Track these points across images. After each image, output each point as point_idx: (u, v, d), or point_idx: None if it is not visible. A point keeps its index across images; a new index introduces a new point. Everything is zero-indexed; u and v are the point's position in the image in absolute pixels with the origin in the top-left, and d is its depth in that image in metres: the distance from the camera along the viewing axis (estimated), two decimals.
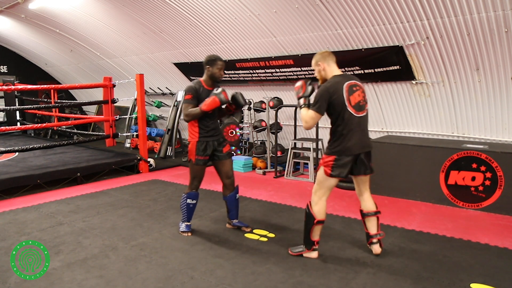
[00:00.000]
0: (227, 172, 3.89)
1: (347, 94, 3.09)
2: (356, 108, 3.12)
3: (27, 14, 8.43)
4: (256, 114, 7.65)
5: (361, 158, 3.22)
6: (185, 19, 6.69)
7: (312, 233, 3.28)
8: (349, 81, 3.15)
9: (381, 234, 3.37)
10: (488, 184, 4.49)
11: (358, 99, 3.14)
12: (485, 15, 4.20)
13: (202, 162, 3.76)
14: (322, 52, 3.27)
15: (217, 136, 3.84)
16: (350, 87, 3.12)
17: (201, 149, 3.74)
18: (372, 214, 3.35)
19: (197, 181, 3.84)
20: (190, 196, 3.84)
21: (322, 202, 3.25)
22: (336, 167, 3.15)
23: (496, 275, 3.02)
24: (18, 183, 5.43)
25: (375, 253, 3.35)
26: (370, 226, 3.36)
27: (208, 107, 3.56)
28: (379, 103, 5.92)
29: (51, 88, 6.95)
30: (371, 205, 3.36)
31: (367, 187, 3.40)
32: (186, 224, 3.92)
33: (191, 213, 3.90)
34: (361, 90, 3.20)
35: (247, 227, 4.03)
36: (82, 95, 12.09)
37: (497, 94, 4.79)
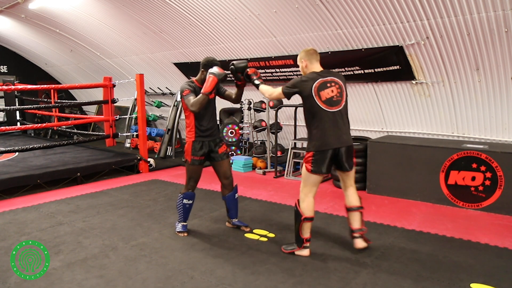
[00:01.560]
0: (224, 172, 3.89)
1: (315, 90, 3.19)
2: (327, 103, 3.20)
3: (27, 14, 8.43)
4: (256, 114, 7.65)
5: (340, 154, 3.27)
6: (185, 19, 6.69)
7: (302, 231, 3.32)
8: (325, 77, 3.24)
9: (364, 229, 3.41)
10: (488, 184, 4.49)
11: (331, 95, 3.22)
12: (485, 15, 4.20)
13: (198, 162, 3.75)
14: (308, 50, 3.38)
15: (214, 136, 3.82)
16: (323, 83, 3.22)
17: (197, 149, 3.72)
18: (355, 209, 3.39)
19: (193, 182, 3.83)
20: (187, 197, 3.83)
21: (308, 199, 3.31)
22: (315, 163, 3.23)
23: (496, 275, 3.02)
24: (18, 183, 5.43)
25: (357, 247, 3.38)
26: (353, 221, 3.41)
27: (209, 87, 3.48)
28: (379, 103, 5.92)
29: (51, 88, 6.95)
30: (355, 200, 3.40)
31: (352, 182, 3.45)
32: (182, 224, 3.92)
33: (187, 213, 3.90)
34: (337, 86, 3.26)
35: (247, 226, 4.04)
36: (82, 95, 12.09)
37: (497, 94, 4.79)
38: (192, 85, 3.69)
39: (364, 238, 3.41)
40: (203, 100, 3.50)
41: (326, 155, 3.22)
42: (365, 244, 3.40)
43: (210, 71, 3.53)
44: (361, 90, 5.98)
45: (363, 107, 6.14)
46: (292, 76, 6.47)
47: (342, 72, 5.81)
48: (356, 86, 5.99)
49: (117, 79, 8.48)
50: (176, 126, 8.37)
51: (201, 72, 3.74)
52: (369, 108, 6.08)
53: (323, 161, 3.23)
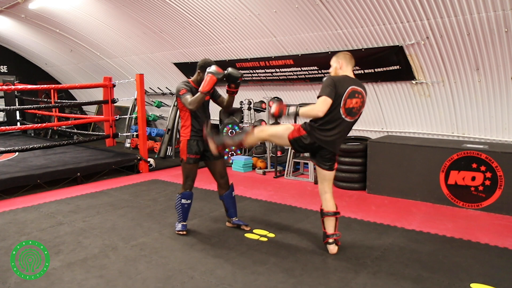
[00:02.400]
0: (220, 172, 3.91)
1: (346, 96, 3.15)
2: (348, 112, 3.20)
3: (27, 14, 8.43)
4: (256, 114, 7.65)
5: (324, 153, 3.30)
6: (185, 19, 6.69)
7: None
8: (355, 86, 3.22)
9: (338, 234, 3.44)
10: (488, 184, 4.49)
11: (354, 105, 3.21)
12: (485, 15, 4.20)
13: (193, 160, 3.77)
14: (346, 54, 3.40)
15: None
16: (353, 92, 3.20)
17: (192, 148, 3.75)
18: (331, 214, 3.40)
19: (190, 181, 3.83)
20: (185, 196, 3.84)
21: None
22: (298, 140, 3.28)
23: (496, 275, 3.02)
24: (18, 183, 5.43)
25: (331, 252, 3.40)
26: (328, 225, 3.42)
27: (207, 86, 3.49)
28: (379, 103, 5.92)
29: (51, 88, 6.95)
30: (332, 205, 3.41)
31: (330, 186, 3.46)
32: (182, 224, 3.93)
33: (187, 213, 3.91)
34: (362, 100, 3.26)
35: (247, 225, 4.04)
36: (82, 95, 12.09)
37: (497, 94, 4.79)
38: (188, 85, 3.72)
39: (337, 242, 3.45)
40: (201, 99, 3.54)
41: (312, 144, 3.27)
42: (337, 247, 3.44)
43: (209, 70, 3.54)
44: None
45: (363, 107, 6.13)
46: (292, 76, 6.47)
47: None
48: None
49: (117, 79, 8.48)
50: (176, 126, 8.36)
51: (197, 73, 3.76)
52: (369, 108, 6.08)
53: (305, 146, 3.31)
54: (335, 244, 3.43)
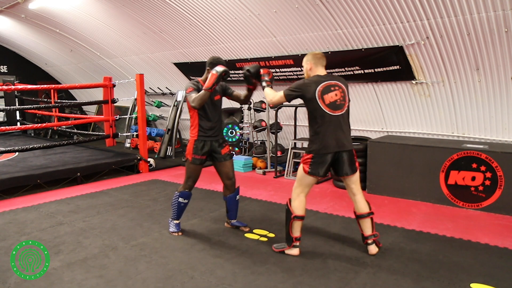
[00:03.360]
0: (227, 173, 3.88)
1: (319, 94, 3.20)
2: (331, 107, 3.21)
3: (27, 14, 8.43)
4: (256, 114, 7.65)
5: (341, 158, 3.27)
6: (185, 19, 6.69)
7: (292, 229, 3.34)
8: (328, 81, 3.25)
9: (376, 234, 3.39)
10: (488, 184, 4.49)
11: (335, 99, 3.22)
12: (485, 15, 4.20)
13: (198, 161, 3.73)
14: (316, 53, 3.41)
15: (217, 137, 3.80)
16: (327, 87, 3.22)
17: (199, 148, 3.71)
18: (365, 216, 3.36)
19: (191, 181, 3.81)
20: (183, 196, 3.83)
21: (300, 199, 3.33)
22: (313, 165, 3.24)
23: (496, 275, 3.02)
24: (18, 183, 5.43)
25: (370, 253, 3.36)
26: (365, 227, 3.38)
27: (209, 83, 3.45)
28: (379, 103, 5.92)
29: (51, 88, 6.95)
30: (364, 206, 3.37)
31: (358, 188, 3.41)
32: (175, 223, 3.92)
33: (182, 211, 3.91)
34: (340, 90, 3.27)
35: (246, 226, 4.04)
36: (82, 95, 12.09)
37: (497, 94, 4.79)
38: (196, 84, 3.70)
39: (377, 243, 3.41)
40: (203, 96, 3.49)
41: (326, 158, 3.24)
42: (378, 249, 3.40)
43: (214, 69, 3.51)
44: (361, 90, 5.98)
45: (363, 107, 6.14)
46: (292, 76, 6.47)
47: (342, 72, 5.81)
48: (356, 86, 5.99)
49: (117, 79, 8.48)
50: (176, 126, 8.36)
51: (206, 71, 3.73)
52: (369, 108, 6.08)
53: (322, 164, 3.24)
54: (375, 245, 3.38)
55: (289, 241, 3.38)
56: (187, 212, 4.32)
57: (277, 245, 3.51)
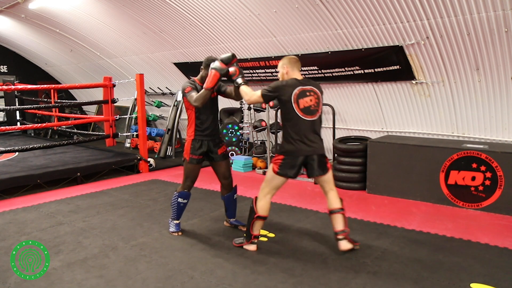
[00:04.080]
0: (223, 173, 3.91)
1: (295, 97, 3.24)
2: (305, 111, 3.26)
3: (27, 14, 8.43)
4: (256, 114, 7.65)
5: (312, 161, 3.32)
6: (185, 19, 6.69)
7: (253, 227, 3.43)
8: (304, 86, 3.30)
9: (346, 230, 3.43)
10: (488, 184, 4.49)
11: (309, 104, 3.28)
12: (485, 15, 4.20)
13: (196, 161, 3.75)
14: (291, 57, 3.46)
15: (214, 136, 3.81)
16: (303, 91, 3.28)
17: (196, 148, 3.73)
18: (336, 211, 3.42)
19: (190, 181, 3.82)
20: (182, 196, 3.84)
21: (265, 200, 3.40)
22: (283, 166, 3.30)
23: (496, 275, 3.02)
24: (18, 183, 5.43)
25: (341, 249, 3.38)
26: (336, 223, 3.43)
27: (211, 82, 3.46)
28: (379, 103, 5.92)
29: (51, 88, 6.95)
30: (336, 202, 3.44)
31: (331, 186, 3.47)
32: (175, 223, 3.94)
33: (181, 212, 3.93)
34: (315, 96, 3.32)
35: (244, 226, 4.03)
36: (82, 95, 12.09)
37: (497, 94, 4.79)
38: (193, 83, 3.71)
39: (349, 239, 3.42)
40: (206, 95, 3.50)
41: (296, 161, 3.29)
42: (351, 245, 3.40)
43: (212, 66, 3.50)
44: (361, 90, 5.98)
45: (363, 107, 6.14)
46: None
47: (342, 72, 5.81)
48: (356, 86, 5.99)
49: (117, 79, 8.48)
50: (176, 126, 8.36)
51: (202, 70, 3.75)
52: (369, 108, 6.08)
53: (292, 167, 3.30)
54: (347, 241, 3.39)
55: (248, 237, 3.48)
56: (187, 212, 4.32)
57: (237, 239, 3.63)
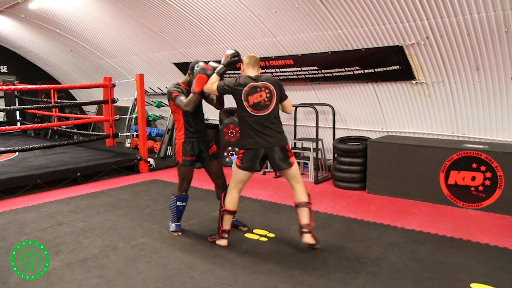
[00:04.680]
0: (216, 173, 3.92)
1: (245, 95, 3.39)
2: (254, 107, 3.39)
3: (27, 14, 8.43)
4: None
5: (272, 155, 3.41)
6: (185, 19, 6.69)
7: (222, 222, 3.56)
8: (255, 82, 3.42)
9: (311, 224, 3.46)
10: (488, 184, 4.49)
11: (259, 99, 3.39)
12: (485, 15, 4.20)
13: (189, 162, 3.76)
14: (251, 57, 3.59)
15: (203, 137, 3.84)
16: (253, 88, 3.40)
17: (188, 150, 3.74)
18: (303, 205, 3.47)
19: (186, 183, 3.84)
20: (180, 199, 3.85)
21: (232, 194, 3.54)
22: (243, 160, 3.44)
23: (496, 275, 3.02)
24: (18, 183, 5.43)
25: (304, 241, 3.42)
26: (302, 216, 3.47)
27: (199, 86, 3.52)
28: (379, 103, 5.92)
29: (51, 88, 6.95)
30: (303, 196, 3.48)
31: (298, 180, 3.53)
32: (176, 224, 3.95)
33: (181, 214, 3.94)
34: (267, 91, 3.41)
35: (245, 226, 4.05)
36: (82, 95, 12.09)
37: (497, 94, 4.79)
38: (179, 87, 3.75)
39: (313, 235, 3.45)
40: (195, 99, 3.58)
41: (253, 154, 3.40)
42: (314, 241, 3.44)
43: (196, 68, 3.56)
44: (361, 90, 5.98)
45: (363, 107, 6.14)
46: (292, 76, 6.47)
47: (342, 72, 5.81)
48: (356, 86, 5.99)
49: (117, 79, 8.48)
50: None
51: (188, 75, 3.79)
52: (369, 108, 6.08)
53: (251, 160, 3.41)
54: (311, 235, 3.43)
55: (219, 231, 3.59)
56: (187, 212, 4.33)
57: (211, 235, 3.75)
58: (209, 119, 8.81)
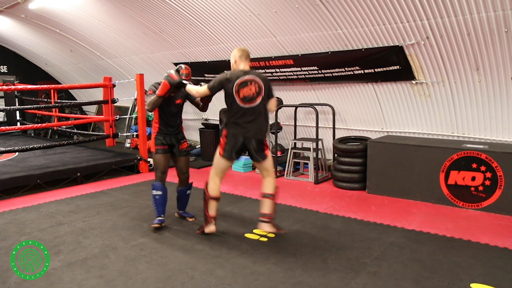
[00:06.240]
0: (181, 168, 4.21)
1: (236, 88, 3.54)
2: (245, 100, 3.56)
3: (27, 14, 8.43)
4: None
5: (250, 145, 3.62)
6: (185, 19, 6.69)
7: (208, 208, 3.72)
8: (246, 76, 3.57)
9: (272, 215, 3.66)
10: (488, 184, 4.49)
11: (249, 93, 3.55)
12: (485, 15, 4.20)
13: (162, 150, 4.07)
14: (241, 49, 3.73)
15: (176, 134, 4.15)
16: (244, 82, 3.55)
17: (160, 140, 4.07)
18: (267, 196, 3.70)
19: (160, 172, 4.06)
20: (154, 187, 4.01)
21: (214, 181, 3.71)
22: (226, 149, 3.62)
23: (496, 275, 3.02)
24: (18, 183, 5.43)
25: (260, 229, 3.69)
26: (264, 206, 3.70)
27: (161, 91, 3.81)
28: (379, 103, 5.92)
29: (51, 88, 6.95)
30: (269, 188, 3.71)
31: (269, 173, 3.75)
32: (158, 219, 4.02)
33: (160, 206, 4.01)
34: (256, 86, 3.58)
35: (192, 217, 4.30)
36: (82, 95, 12.09)
37: (497, 94, 4.79)
38: (157, 86, 3.98)
39: (273, 224, 3.68)
40: (155, 102, 3.88)
41: (236, 143, 3.58)
42: (274, 229, 3.65)
43: (164, 76, 3.83)
44: (361, 90, 5.98)
45: (363, 107, 6.14)
46: (292, 76, 6.47)
47: (342, 72, 5.81)
48: (356, 86, 5.99)
49: (117, 79, 8.48)
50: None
51: None
52: (369, 108, 6.08)
53: (232, 149, 3.60)
54: (271, 225, 3.65)
55: (206, 219, 3.75)
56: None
57: (199, 228, 3.92)
58: (209, 119, 8.81)
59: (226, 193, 5.43)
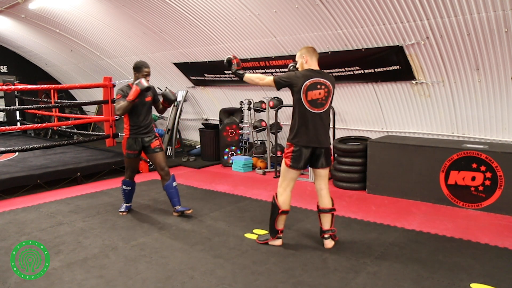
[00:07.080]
0: (159, 164, 4.33)
1: (305, 88, 3.31)
2: (312, 103, 3.34)
3: (27, 14, 8.43)
4: (256, 114, 7.65)
5: (319, 153, 3.45)
6: (185, 19, 6.69)
7: (277, 223, 3.53)
8: (317, 78, 3.35)
9: (334, 230, 3.55)
10: (488, 184, 4.49)
11: (317, 97, 3.34)
12: (485, 15, 4.20)
13: (132, 155, 4.32)
14: (309, 47, 3.50)
15: (147, 134, 4.31)
16: (314, 83, 3.33)
17: (131, 145, 4.26)
18: (327, 211, 3.52)
19: (129, 171, 4.45)
20: (124, 183, 4.50)
21: (286, 194, 3.51)
22: (293, 158, 3.42)
23: (496, 275, 3.02)
24: (18, 183, 5.43)
25: (326, 247, 3.51)
26: (324, 222, 3.54)
27: (132, 96, 3.98)
28: (379, 103, 5.92)
29: (51, 88, 6.95)
30: (328, 202, 3.54)
31: (326, 183, 3.58)
32: (125, 205, 4.58)
33: (128, 196, 4.56)
34: (326, 90, 3.37)
35: (189, 210, 4.35)
36: (82, 95, 12.09)
37: (497, 94, 4.79)
38: (126, 90, 4.15)
39: (333, 237, 3.57)
40: (126, 107, 4.04)
41: (305, 152, 3.39)
42: (333, 242, 3.56)
43: (136, 82, 4.03)
44: (361, 90, 5.98)
45: (363, 107, 6.14)
46: None
47: (342, 72, 5.81)
48: (356, 86, 5.99)
49: (117, 79, 8.47)
50: (176, 126, 8.36)
51: (134, 75, 4.22)
52: (369, 108, 6.08)
53: (301, 158, 3.40)
54: (331, 239, 3.53)
55: (274, 233, 3.56)
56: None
57: (260, 237, 3.72)
58: (209, 119, 8.82)
59: (226, 193, 5.43)
